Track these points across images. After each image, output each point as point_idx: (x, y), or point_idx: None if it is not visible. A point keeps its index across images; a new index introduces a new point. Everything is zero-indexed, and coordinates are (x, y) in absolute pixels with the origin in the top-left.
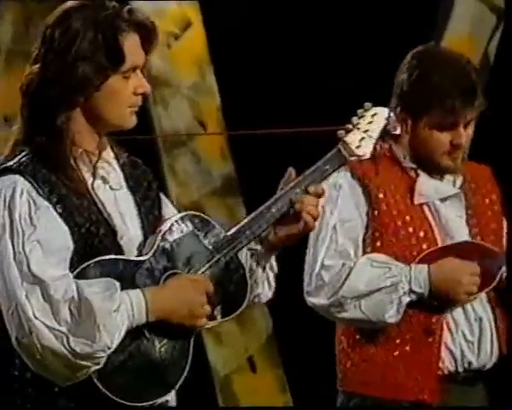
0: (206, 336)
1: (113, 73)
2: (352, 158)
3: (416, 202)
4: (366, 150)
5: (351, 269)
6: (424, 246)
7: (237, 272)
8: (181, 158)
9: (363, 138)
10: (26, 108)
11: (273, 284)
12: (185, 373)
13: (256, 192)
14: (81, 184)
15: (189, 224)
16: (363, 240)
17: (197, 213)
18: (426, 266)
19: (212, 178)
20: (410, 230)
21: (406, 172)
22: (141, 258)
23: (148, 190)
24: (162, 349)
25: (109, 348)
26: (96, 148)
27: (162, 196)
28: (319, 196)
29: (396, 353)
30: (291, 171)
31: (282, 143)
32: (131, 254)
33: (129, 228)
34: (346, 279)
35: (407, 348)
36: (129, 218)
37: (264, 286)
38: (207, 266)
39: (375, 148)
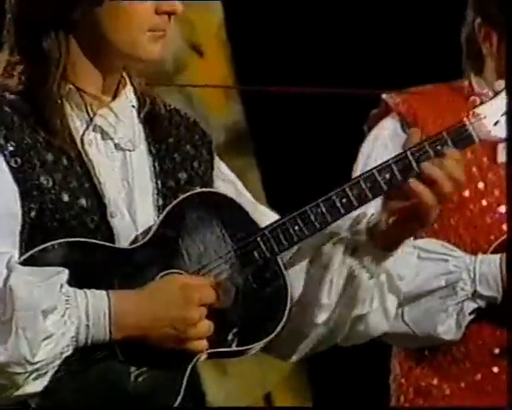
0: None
1: None
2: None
3: (501, 159)
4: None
5: None
6: (504, 227)
7: (273, 282)
8: (165, 99)
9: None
10: (10, 28)
11: (391, 309)
12: None
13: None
14: (63, 134)
15: (204, 206)
16: None
17: (217, 192)
18: (498, 257)
19: (212, 129)
20: (484, 203)
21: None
22: (128, 247)
23: (190, 161)
24: (140, 379)
25: (31, 364)
26: (101, 90)
27: (227, 180)
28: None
29: (462, 384)
30: (415, 132)
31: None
32: (127, 239)
33: (132, 206)
34: None
35: (477, 376)
36: (138, 192)
37: (371, 306)
38: (224, 267)
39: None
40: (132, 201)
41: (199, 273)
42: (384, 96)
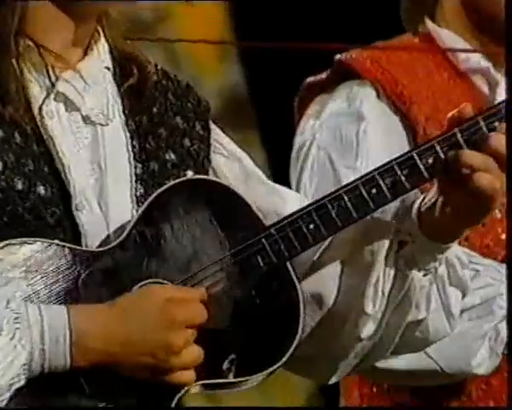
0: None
1: None
2: None
3: None
4: None
5: None
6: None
7: (282, 295)
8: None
9: None
10: None
11: (455, 307)
12: None
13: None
14: (17, 104)
15: (196, 197)
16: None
17: (213, 179)
18: None
19: (204, 92)
20: None
21: (467, 79)
22: (97, 249)
23: (180, 137)
24: None
25: None
26: (71, 42)
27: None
28: None
29: None
30: (466, 107)
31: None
32: (97, 239)
33: (104, 196)
34: None
35: None
36: (111, 178)
37: (428, 309)
38: (219, 275)
39: None
40: (104, 189)
41: (187, 284)
42: (339, 56)
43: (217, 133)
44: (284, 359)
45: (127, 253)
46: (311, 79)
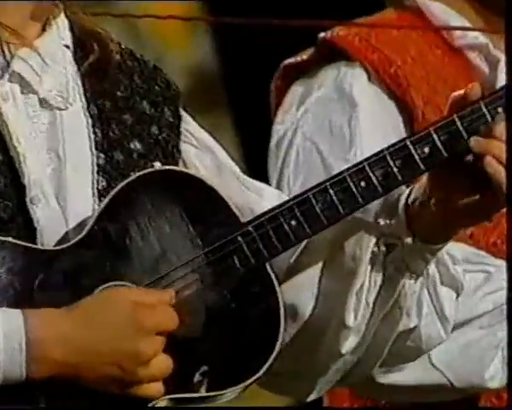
0: None
1: None
2: None
3: None
4: None
5: None
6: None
7: (260, 299)
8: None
9: None
10: None
11: (449, 308)
12: None
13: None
14: None
15: (165, 190)
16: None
17: (183, 171)
18: None
19: (168, 74)
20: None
21: (462, 57)
22: (55, 248)
23: (147, 124)
24: None
25: None
26: (28, 16)
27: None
28: None
29: None
30: (474, 88)
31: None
32: (54, 236)
33: (62, 188)
34: None
35: None
36: (71, 169)
37: (420, 315)
38: (191, 277)
39: None
40: (62, 181)
41: (155, 287)
42: (323, 34)
43: (187, 121)
44: (262, 371)
45: (88, 252)
46: (289, 60)
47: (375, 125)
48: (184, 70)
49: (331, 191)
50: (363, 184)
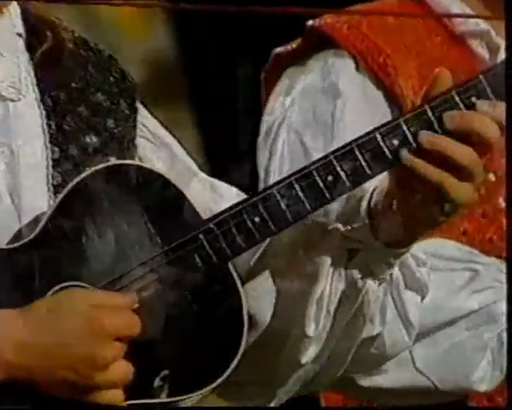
0: None
1: None
2: None
3: None
4: None
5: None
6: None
7: (223, 300)
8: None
9: None
10: None
11: (413, 313)
12: None
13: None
14: None
15: (121, 186)
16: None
17: (141, 165)
18: None
19: (127, 64)
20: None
21: (464, 44)
22: (7, 246)
23: (103, 117)
24: None
25: None
26: None
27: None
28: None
29: None
30: (443, 73)
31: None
32: (7, 234)
33: (15, 184)
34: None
35: None
36: (24, 164)
37: (384, 322)
38: (150, 277)
39: None
40: (16, 176)
41: (112, 288)
42: (311, 21)
43: (143, 114)
44: (226, 374)
45: (42, 250)
46: (279, 49)
47: (361, 117)
48: (142, 61)
49: (297, 186)
50: (330, 178)
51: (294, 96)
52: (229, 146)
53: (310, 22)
